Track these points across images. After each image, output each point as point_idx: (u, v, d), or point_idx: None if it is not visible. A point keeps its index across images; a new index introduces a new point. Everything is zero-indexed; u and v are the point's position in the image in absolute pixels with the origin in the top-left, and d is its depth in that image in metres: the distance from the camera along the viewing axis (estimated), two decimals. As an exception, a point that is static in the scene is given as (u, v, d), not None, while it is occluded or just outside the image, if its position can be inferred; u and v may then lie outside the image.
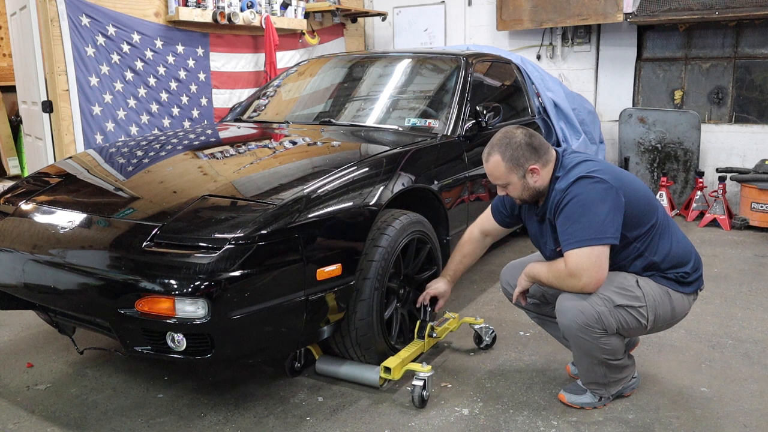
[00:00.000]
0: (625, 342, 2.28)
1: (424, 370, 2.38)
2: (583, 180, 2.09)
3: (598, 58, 5.98)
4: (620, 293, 2.15)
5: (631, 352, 2.51)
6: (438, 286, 2.61)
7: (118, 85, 4.53)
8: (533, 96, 4.40)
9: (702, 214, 5.24)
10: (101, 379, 2.61)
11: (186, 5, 4.82)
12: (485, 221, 2.58)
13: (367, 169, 2.57)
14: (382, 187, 2.53)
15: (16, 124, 6.50)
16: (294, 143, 3.11)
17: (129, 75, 4.59)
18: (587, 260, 2.04)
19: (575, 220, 2.06)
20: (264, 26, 5.35)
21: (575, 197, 2.07)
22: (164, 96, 4.84)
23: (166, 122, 4.88)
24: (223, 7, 5.02)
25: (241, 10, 5.20)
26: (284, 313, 2.15)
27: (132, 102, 4.62)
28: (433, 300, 2.62)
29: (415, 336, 2.62)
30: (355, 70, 3.94)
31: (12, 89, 5.87)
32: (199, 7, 4.89)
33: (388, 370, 2.41)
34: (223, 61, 5.29)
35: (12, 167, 6.55)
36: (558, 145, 4.47)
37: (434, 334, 2.64)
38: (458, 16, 6.55)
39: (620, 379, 2.33)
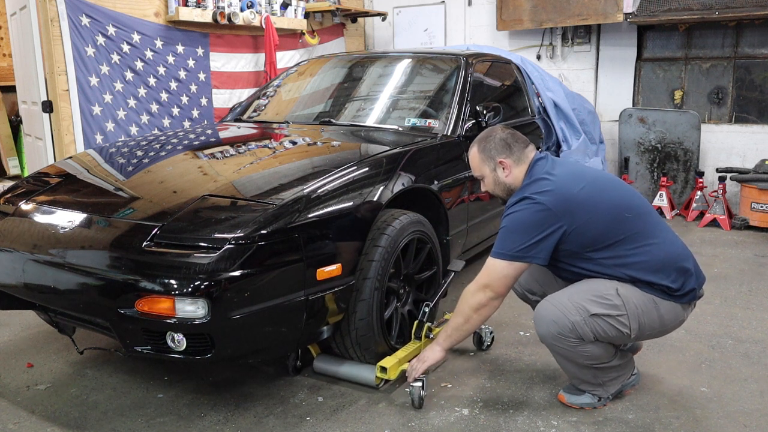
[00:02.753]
0: (611, 348, 2.25)
1: None
2: (525, 201, 2.14)
3: (598, 58, 5.98)
4: (596, 302, 2.14)
5: (634, 354, 2.51)
6: (432, 356, 2.36)
7: (118, 85, 4.53)
8: (533, 96, 4.40)
9: (702, 214, 5.24)
10: (101, 379, 2.61)
11: (186, 5, 4.82)
12: None
13: (367, 169, 2.57)
14: (382, 187, 2.53)
15: (16, 124, 6.50)
16: (294, 143, 3.11)
17: (129, 75, 4.59)
18: (498, 270, 2.16)
19: (504, 234, 2.16)
20: (264, 26, 5.35)
21: (512, 213, 2.16)
22: (164, 96, 4.85)
23: (166, 122, 4.88)
24: (223, 7, 5.02)
25: (241, 10, 5.20)
26: (284, 313, 2.15)
27: (132, 102, 4.62)
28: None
29: (413, 336, 2.62)
30: (355, 70, 3.93)
31: (12, 89, 5.87)
32: (199, 7, 4.89)
33: (384, 369, 2.41)
34: (223, 61, 5.29)
35: (12, 167, 6.55)
36: (558, 145, 4.47)
37: (432, 335, 2.63)
38: (458, 16, 6.55)
39: (615, 377, 2.33)
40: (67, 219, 2.37)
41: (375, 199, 2.48)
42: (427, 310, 2.60)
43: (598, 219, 2.13)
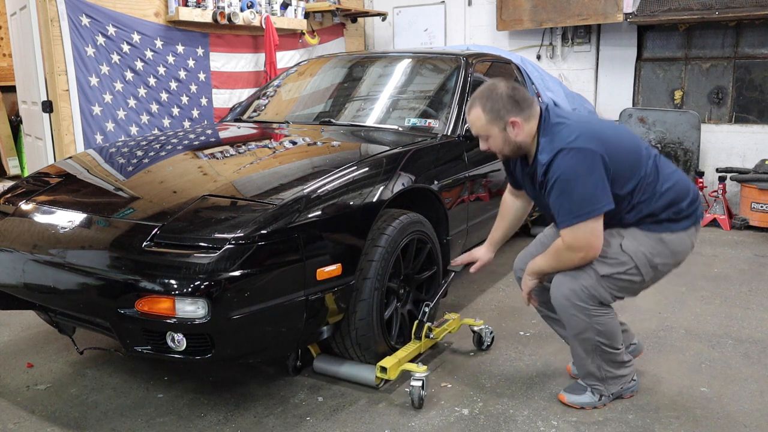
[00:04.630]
0: (621, 329, 2.29)
1: (419, 370, 2.38)
2: (565, 153, 2.04)
3: (598, 58, 5.98)
4: (604, 262, 2.15)
5: (636, 358, 2.52)
6: (476, 251, 2.64)
7: (118, 85, 4.53)
8: (533, 96, 4.40)
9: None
10: (101, 379, 2.61)
11: (186, 5, 4.82)
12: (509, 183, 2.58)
13: (367, 169, 2.57)
14: (382, 187, 2.53)
15: (16, 124, 6.50)
16: (294, 143, 3.11)
17: (129, 75, 4.59)
18: (583, 234, 2.06)
19: (565, 197, 2.05)
20: (264, 26, 5.35)
21: (561, 174, 2.04)
22: (164, 96, 4.85)
23: (166, 122, 4.88)
24: (223, 7, 5.02)
25: (241, 10, 5.20)
26: (284, 313, 2.15)
27: (132, 102, 4.62)
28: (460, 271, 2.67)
29: (413, 336, 2.62)
30: (355, 70, 3.93)
31: (12, 89, 5.87)
32: (199, 7, 4.89)
33: (384, 369, 2.41)
34: (223, 61, 5.29)
35: (12, 167, 6.55)
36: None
37: (431, 335, 2.63)
38: (458, 16, 6.55)
39: (618, 376, 2.33)
40: (67, 219, 2.37)
41: (375, 199, 2.48)
42: (427, 310, 2.60)
43: (621, 153, 2.10)
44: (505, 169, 2.49)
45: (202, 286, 1.96)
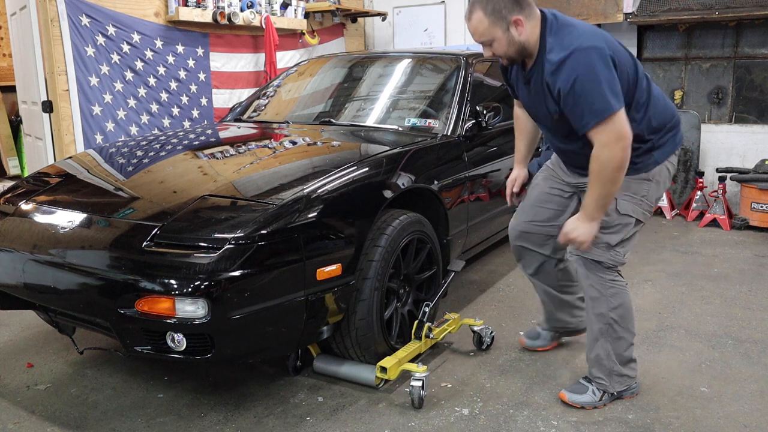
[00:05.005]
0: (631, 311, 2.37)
1: (419, 370, 2.38)
2: (580, 52, 2.00)
3: (598, 58, 5.96)
4: (611, 233, 2.24)
5: (578, 335, 2.69)
6: (514, 174, 2.69)
7: (118, 85, 4.53)
8: None
9: (702, 214, 5.24)
10: (101, 379, 2.61)
11: (186, 5, 4.82)
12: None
13: (367, 169, 2.57)
14: (382, 187, 2.53)
15: (16, 124, 6.50)
16: (294, 143, 3.11)
17: (129, 75, 4.59)
18: (613, 127, 2.01)
19: (587, 97, 2.00)
20: (264, 26, 5.35)
21: (579, 75, 2.00)
22: (164, 96, 4.84)
23: (166, 122, 4.88)
24: (223, 7, 5.02)
25: (241, 10, 5.20)
26: (284, 313, 2.15)
27: (132, 102, 4.62)
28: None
29: (413, 336, 2.62)
30: (355, 70, 3.93)
31: (12, 89, 5.87)
32: (199, 7, 4.89)
33: (384, 369, 2.41)
34: (223, 61, 5.29)
35: (12, 167, 6.55)
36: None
37: (431, 335, 2.63)
38: (458, 16, 6.54)
39: (623, 375, 2.35)
40: (67, 219, 2.37)
41: (375, 199, 2.48)
42: (427, 310, 2.60)
43: (624, 65, 2.09)
44: (506, 82, 2.46)
45: (202, 286, 1.96)
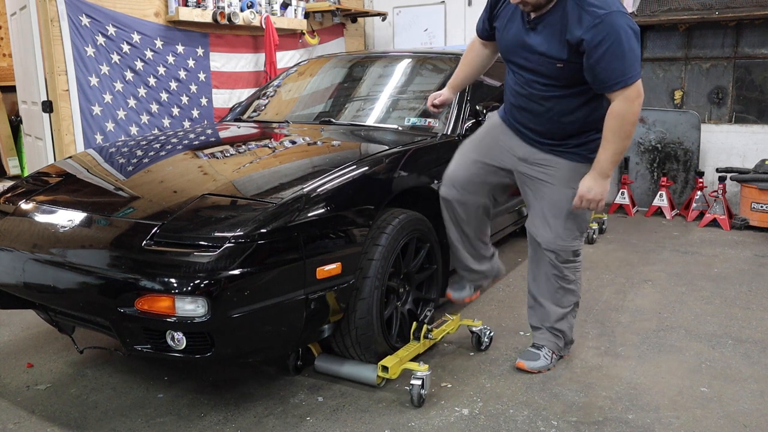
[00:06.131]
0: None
1: (421, 369, 2.38)
2: (620, 16, 2.14)
3: (598, 59, 5.96)
4: (579, 217, 2.47)
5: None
6: (441, 93, 2.81)
7: (118, 85, 4.53)
8: None
9: (702, 214, 5.24)
10: (101, 379, 2.60)
11: (186, 5, 4.82)
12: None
13: (366, 168, 2.57)
14: (382, 186, 2.53)
15: (16, 124, 6.50)
16: (294, 143, 3.11)
17: (129, 75, 4.59)
18: (635, 88, 2.22)
19: (620, 57, 2.17)
20: (264, 26, 5.35)
21: (618, 36, 2.14)
22: (164, 96, 4.85)
23: (166, 122, 4.88)
24: (223, 7, 5.02)
25: (241, 10, 5.20)
26: (284, 312, 2.15)
27: (132, 102, 4.63)
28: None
29: (411, 337, 2.62)
30: (355, 70, 3.94)
31: (12, 89, 5.87)
32: (199, 7, 4.89)
33: (385, 368, 2.41)
34: (223, 61, 5.29)
35: (12, 167, 6.55)
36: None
37: (430, 336, 2.63)
38: (458, 16, 6.55)
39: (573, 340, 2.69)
40: (67, 218, 2.37)
41: (375, 197, 2.48)
42: (429, 314, 2.61)
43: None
44: (487, 18, 2.51)
45: (202, 285, 1.96)
